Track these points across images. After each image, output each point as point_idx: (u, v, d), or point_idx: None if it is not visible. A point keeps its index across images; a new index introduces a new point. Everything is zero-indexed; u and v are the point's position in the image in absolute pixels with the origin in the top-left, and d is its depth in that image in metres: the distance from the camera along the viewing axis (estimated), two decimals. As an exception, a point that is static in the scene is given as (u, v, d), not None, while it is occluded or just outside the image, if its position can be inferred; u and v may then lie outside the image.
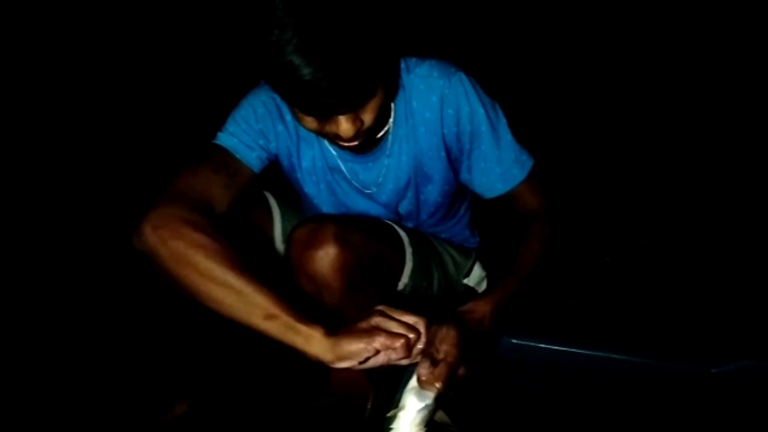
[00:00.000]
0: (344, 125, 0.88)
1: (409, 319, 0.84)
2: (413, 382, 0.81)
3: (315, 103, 0.83)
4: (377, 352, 0.82)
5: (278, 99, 1.05)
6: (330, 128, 0.89)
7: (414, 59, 1.07)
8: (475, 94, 1.04)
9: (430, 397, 0.79)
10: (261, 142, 1.07)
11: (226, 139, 1.04)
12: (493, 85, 1.09)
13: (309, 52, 0.77)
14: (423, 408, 0.79)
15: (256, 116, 1.06)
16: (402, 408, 0.80)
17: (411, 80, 1.05)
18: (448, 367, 0.80)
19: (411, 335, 0.82)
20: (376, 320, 0.83)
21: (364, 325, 0.84)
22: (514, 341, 0.97)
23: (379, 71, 0.87)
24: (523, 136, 1.10)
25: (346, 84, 0.80)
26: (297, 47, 0.77)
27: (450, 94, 1.03)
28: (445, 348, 0.81)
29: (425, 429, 0.80)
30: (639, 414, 0.99)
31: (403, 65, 1.06)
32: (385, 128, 1.07)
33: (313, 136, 1.09)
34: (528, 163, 1.10)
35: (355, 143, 0.94)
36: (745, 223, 1.70)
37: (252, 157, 1.06)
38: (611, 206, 1.87)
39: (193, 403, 1.31)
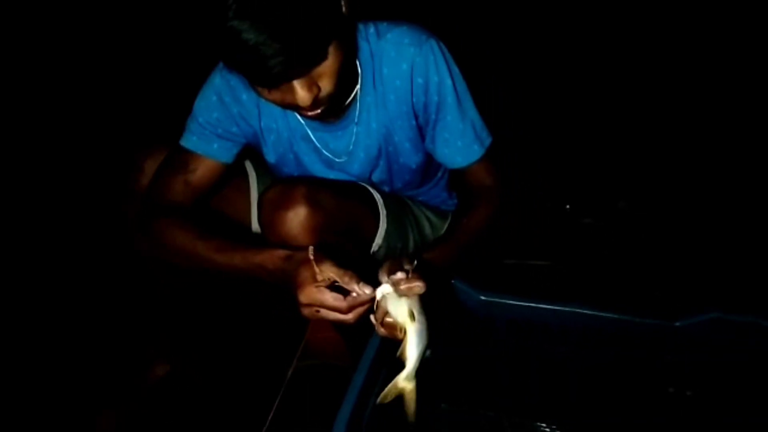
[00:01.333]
0: (300, 92, 0.85)
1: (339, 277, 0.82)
2: (394, 300, 0.80)
3: (263, 70, 0.79)
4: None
5: (232, 80, 1.05)
6: (287, 97, 0.87)
7: (385, 24, 1.04)
8: (444, 64, 1.02)
9: (415, 301, 0.80)
10: (219, 131, 1.08)
11: (186, 139, 1.09)
12: (473, 49, 1.08)
13: (249, 15, 0.74)
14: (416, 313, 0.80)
15: (209, 107, 1.07)
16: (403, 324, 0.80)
17: (381, 46, 1.02)
18: (414, 266, 0.81)
19: (343, 308, 0.81)
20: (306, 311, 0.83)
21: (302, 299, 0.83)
22: (483, 298, 0.97)
23: (328, 32, 0.83)
24: (485, 111, 1.11)
25: (292, 46, 0.77)
26: (237, 12, 0.74)
27: (420, 63, 1.01)
28: (405, 266, 0.82)
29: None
30: (607, 368, 1.01)
31: (373, 29, 1.04)
32: (353, 95, 1.05)
33: (274, 107, 1.06)
34: (487, 140, 1.11)
35: (318, 111, 0.91)
36: (723, 186, 1.71)
37: (213, 150, 1.09)
38: (593, 168, 1.88)
39: (173, 365, 1.34)
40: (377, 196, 1.17)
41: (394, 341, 0.83)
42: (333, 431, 0.78)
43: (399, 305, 0.80)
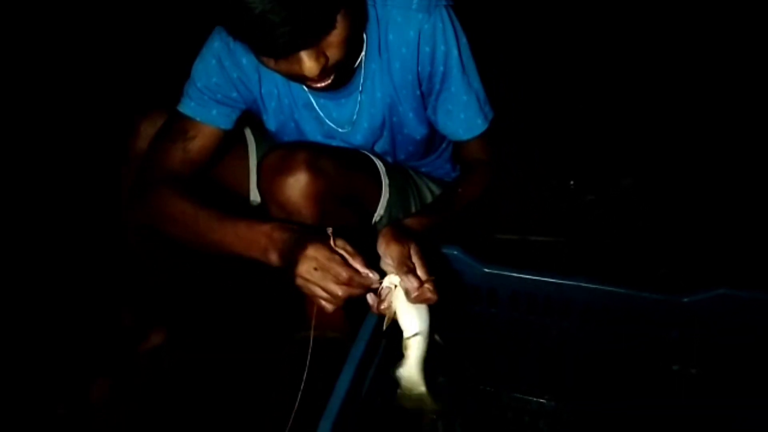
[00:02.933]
0: (307, 63, 0.81)
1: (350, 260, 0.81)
2: (404, 305, 0.80)
3: (269, 40, 0.76)
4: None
5: (231, 43, 1.00)
6: (294, 68, 0.83)
7: None
8: (453, 33, 0.98)
9: (424, 311, 0.80)
10: (218, 96, 1.04)
11: (184, 105, 1.06)
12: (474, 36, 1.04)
13: None
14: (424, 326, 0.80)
15: (208, 71, 1.03)
16: (410, 334, 0.80)
17: (388, 11, 0.98)
18: (427, 273, 0.79)
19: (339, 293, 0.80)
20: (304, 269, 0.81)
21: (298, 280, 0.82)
22: (486, 270, 0.95)
23: (335, 1, 0.79)
24: (488, 85, 1.08)
25: (299, 15, 0.74)
26: None
27: (428, 30, 0.97)
28: (415, 260, 0.80)
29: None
30: (610, 345, 0.99)
31: None
32: (357, 61, 1.01)
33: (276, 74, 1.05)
34: (490, 115, 1.08)
35: (326, 82, 0.88)
36: (729, 163, 1.69)
37: (211, 116, 1.05)
38: (598, 145, 1.85)
39: (169, 334, 1.32)
40: (380, 164, 1.14)
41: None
42: (330, 402, 0.76)
43: (408, 313, 0.80)
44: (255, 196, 1.23)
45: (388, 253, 0.80)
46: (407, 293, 0.78)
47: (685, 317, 0.90)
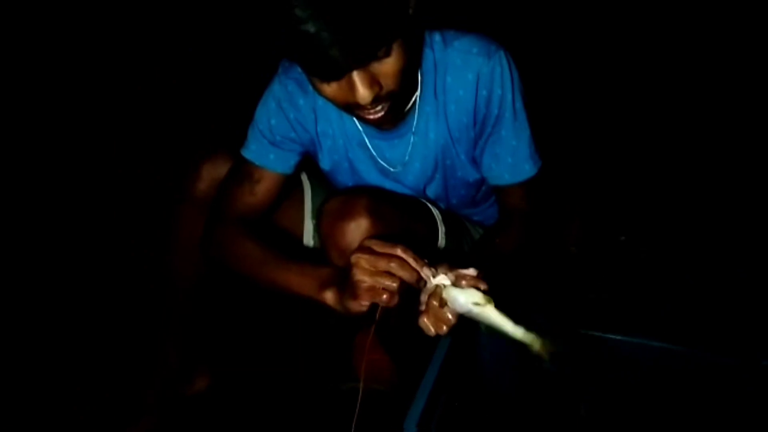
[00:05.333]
0: (361, 89, 0.82)
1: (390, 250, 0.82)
2: (456, 290, 0.80)
3: (322, 59, 0.78)
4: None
5: (290, 85, 1.06)
6: (349, 95, 0.84)
7: (452, 32, 1.02)
8: (509, 78, 0.99)
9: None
10: (278, 138, 1.08)
11: (246, 150, 1.10)
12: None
13: (313, 3, 0.73)
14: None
15: (269, 113, 1.08)
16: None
17: (448, 54, 1.00)
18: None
19: (393, 284, 0.81)
20: (357, 277, 0.82)
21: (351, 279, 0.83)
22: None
23: (391, 27, 0.80)
24: (538, 133, 1.07)
25: (351, 36, 0.75)
26: (303, 1, 0.73)
27: (487, 73, 0.98)
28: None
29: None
30: (679, 406, 0.94)
31: (438, 38, 1.01)
32: (411, 102, 1.03)
33: (331, 111, 1.07)
34: (538, 162, 1.07)
35: (379, 113, 0.89)
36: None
37: (270, 161, 1.09)
38: (647, 201, 1.82)
39: (214, 379, 1.30)
40: (436, 212, 1.13)
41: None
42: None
43: (467, 292, 0.79)
44: (308, 239, 1.23)
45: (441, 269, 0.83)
46: (457, 282, 0.80)
47: (763, 379, 0.86)
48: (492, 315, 0.78)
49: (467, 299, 0.79)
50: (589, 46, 2.40)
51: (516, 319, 0.79)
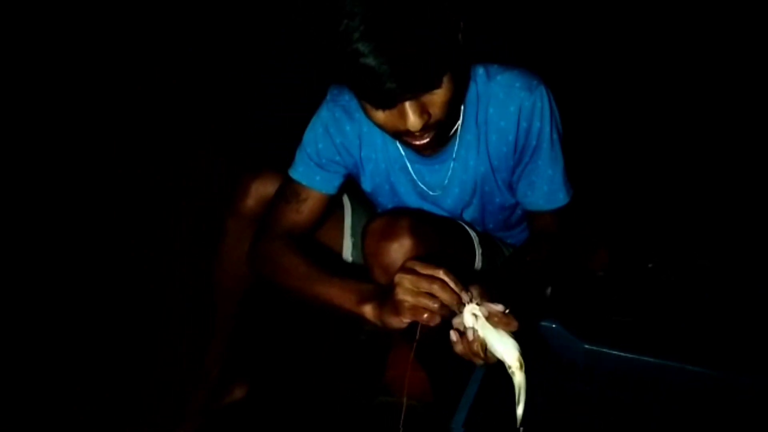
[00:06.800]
0: (412, 118, 0.87)
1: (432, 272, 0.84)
2: (492, 332, 0.80)
3: (378, 90, 0.82)
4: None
5: (337, 112, 1.12)
6: (399, 123, 0.89)
7: (496, 66, 1.07)
8: (549, 111, 1.04)
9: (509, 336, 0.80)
10: (323, 161, 1.14)
11: (294, 171, 1.16)
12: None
13: (375, 38, 0.77)
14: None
15: (316, 138, 1.14)
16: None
17: (490, 87, 1.05)
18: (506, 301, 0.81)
19: (434, 305, 0.82)
20: (400, 297, 0.83)
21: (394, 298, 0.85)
22: (586, 347, 0.95)
23: (444, 60, 0.85)
24: (571, 162, 1.11)
25: (409, 71, 0.80)
26: (363, 34, 0.77)
27: (528, 107, 1.03)
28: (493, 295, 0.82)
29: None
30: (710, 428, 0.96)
31: (482, 71, 1.07)
32: (453, 130, 1.07)
33: (376, 137, 1.12)
34: (571, 191, 1.11)
35: (425, 139, 0.94)
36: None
37: (316, 182, 1.15)
38: (672, 226, 1.84)
39: (251, 389, 1.34)
40: (473, 234, 1.17)
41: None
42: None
43: (504, 342, 0.79)
44: (347, 255, 1.29)
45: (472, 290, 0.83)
46: (489, 319, 0.80)
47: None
48: (517, 377, 0.79)
49: (503, 353, 0.79)
50: (611, 72, 2.44)
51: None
